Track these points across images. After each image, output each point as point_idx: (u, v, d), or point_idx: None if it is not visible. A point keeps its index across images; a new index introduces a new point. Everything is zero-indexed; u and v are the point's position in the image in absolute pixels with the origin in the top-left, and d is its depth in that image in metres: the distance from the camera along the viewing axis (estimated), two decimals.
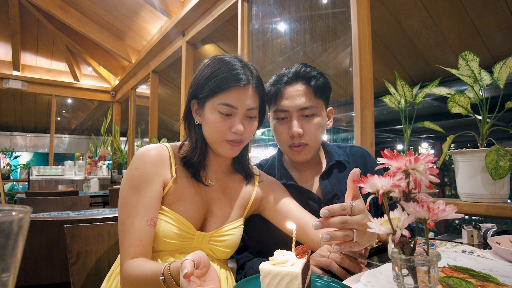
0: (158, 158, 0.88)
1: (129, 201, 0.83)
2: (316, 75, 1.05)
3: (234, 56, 0.90)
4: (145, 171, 0.85)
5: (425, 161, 0.55)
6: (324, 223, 0.62)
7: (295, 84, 1.04)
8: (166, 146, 0.92)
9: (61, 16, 4.66)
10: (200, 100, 0.88)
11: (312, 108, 1.02)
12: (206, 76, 0.86)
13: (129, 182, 0.85)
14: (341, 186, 1.08)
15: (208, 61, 0.91)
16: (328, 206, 0.63)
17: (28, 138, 9.06)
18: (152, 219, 0.82)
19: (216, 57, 0.90)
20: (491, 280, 0.63)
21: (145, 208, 0.82)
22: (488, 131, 1.20)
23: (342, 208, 0.62)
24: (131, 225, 0.80)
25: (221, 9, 3.05)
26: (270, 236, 1.06)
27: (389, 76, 3.47)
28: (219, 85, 0.84)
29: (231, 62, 0.87)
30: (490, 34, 2.71)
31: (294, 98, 1.02)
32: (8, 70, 5.99)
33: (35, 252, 1.42)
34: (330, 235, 0.62)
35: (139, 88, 5.84)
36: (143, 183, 0.84)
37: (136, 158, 0.88)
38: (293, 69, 1.07)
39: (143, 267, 0.73)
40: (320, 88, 1.04)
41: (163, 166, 0.88)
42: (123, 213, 0.82)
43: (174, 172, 0.89)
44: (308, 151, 1.05)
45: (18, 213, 0.28)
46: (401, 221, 0.54)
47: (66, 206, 2.46)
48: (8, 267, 0.28)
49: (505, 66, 1.13)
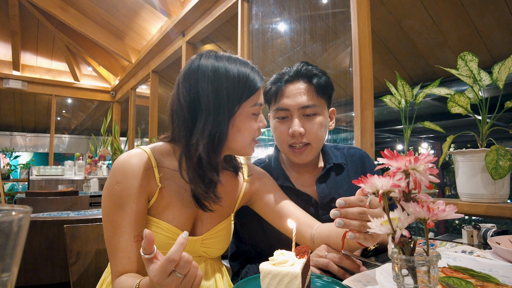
0: (139, 169, 0.79)
1: (113, 218, 0.77)
2: (318, 73, 1.02)
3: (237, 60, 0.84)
4: (127, 186, 0.77)
5: (425, 161, 0.55)
6: (342, 212, 0.63)
7: (296, 83, 1.01)
8: (147, 152, 0.83)
9: (61, 16, 4.65)
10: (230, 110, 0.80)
11: (314, 107, 1.00)
12: (232, 87, 0.79)
13: (110, 198, 0.78)
14: (339, 189, 1.06)
15: (211, 75, 0.79)
16: (344, 197, 0.65)
17: (28, 138, 9.05)
18: (140, 234, 0.78)
19: (218, 70, 0.79)
20: (491, 280, 0.63)
21: (130, 225, 0.77)
22: (488, 131, 1.20)
23: (359, 200, 0.64)
24: (117, 243, 0.76)
25: (221, 9, 3.05)
26: (264, 236, 1.05)
27: (389, 76, 3.47)
28: (250, 89, 0.81)
29: (242, 68, 0.82)
30: (490, 34, 2.71)
31: (295, 96, 1.00)
32: (8, 70, 5.99)
33: (35, 252, 1.42)
34: (344, 222, 0.63)
35: (139, 88, 5.84)
36: (126, 198, 0.77)
37: (116, 170, 0.79)
38: (294, 68, 1.04)
39: (123, 285, 0.71)
40: (322, 87, 1.01)
41: (146, 177, 0.80)
42: (108, 230, 0.77)
43: (159, 181, 0.82)
44: (310, 152, 1.02)
45: (18, 213, 0.28)
46: (401, 221, 0.54)
47: (66, 206, 2.46)
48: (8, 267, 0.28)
49: (504, 66, 1.13)
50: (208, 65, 0.80)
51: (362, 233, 0.63)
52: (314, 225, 0.89)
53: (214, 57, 0.82)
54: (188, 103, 0.79)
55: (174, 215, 0.84)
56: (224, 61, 0.81)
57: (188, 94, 0.80)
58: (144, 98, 6.23)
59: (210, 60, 0.81)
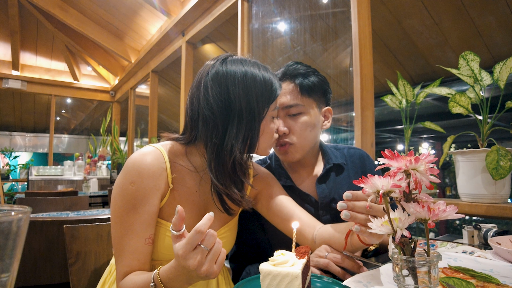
0: (155, 169, 0.78)
1: (124, 218, 0.75)
2: (304, 73, 1.02)
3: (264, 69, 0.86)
4: (142, 186, 0.76)
5: (426, 161, 0.55)
6: (349, 205, 0.64)
7: (283, 83, 1.02)
8: (161, 151, 0.82)
9: (61, 16, 4.65)
10: (260, 113, 0.82)
11: (298, 107, 1.00)
12: (260, 92, 0.81)
13: (123, 198, 0.76)
14: (339, 189, 1.05)
15: (241, 78, 0.80)
16: (351, 191, 0.66)
17: (27, 138, 9.05)
18: (151, 237, 0.77)
19: (247, 75, 0.81)
20: (491, 280, 0.63)
21: (143, 227, 0.75)
22: (488, 131, 1.20)
23: (366, 194, 0.63)
24: (127, 244, 0.74)
25: (221, 9, 3.05)
26: (265, 237, 1.05)
27: (389, 76, 3.47)
28: (274, 93, 0.84)
29: (265, 73, 0.85)
30: (491, 34, 2.71)
31: (280, 96, 1.00)
32: (8, 70, 5.98)
33: (34, 252, 1.42)
34: (351, 215, 0.64)
35: (138, 88, 5.84)
36: (140, 199, 0.75)
37: (130, 169, 0.77)
38: (283, 68, 1.05)
39: (136, 280, 0.70)
40: (307, 86, 1.01)
41: (161, 177, 0.79)
42: (118, 230, 0.75)
43: (171, 182, 0.81)
44: (294, 151, 1.01)
45: (17, 213, 0.28)
46: (402, 222, 0.54)
47: (66, 206, 2.46)
48: (7, 267, 0.28)
49: (505, 66, 1.13)
50: (236, 70, 0.80)
51: (368, 227, 0.63)
52: (316, 226, 0.89)
53: (239, 61, 0.83)
54: (220, 108, 0.78)
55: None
56: (250, 66, 0.83)
57: (219, 99, 0.78)
58: (144, 98, 6.23)
59: (237, 65, 0.82)
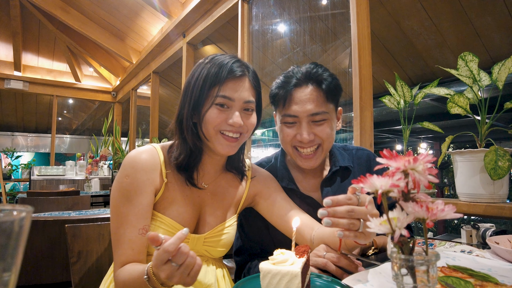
0: (149, 164, 0.84)
1: (120, 210, 0.80)
2: (327, 77, 0.97)
3: (228, 55, 0.88)
4: (136, 179, 0.82)
5: (424, 161, 0.55)
6: (330, 211, 0.62)
7: (305, 88, 0.96)
8: (156, 149, 0.88)
9: (62, 17, 4.66)
10: (200, 99, 0.84)
11: (323, 114, 0.96)
12: (204, 75, 0.83)
13: (119, 191, 0.82)
14: (344, 193, 1.05)
15: (201, 61, 0.87)
16: (332, 196, 0.63)
17: (29, 138, 9.06)
18: (144, 228, 0.81)
19: (209, 56, 0.87)
20: (490, 279, 0.63)
21: (137, 217, 0.80)
22: (487, 131, 1.20)
23: (347, 198, 0.62)
24: (123, 234, 0.79)
25: (222, 10, 3.06)
26: (268, 235, 1.05)
27: (388, 77, 3.47)
28: (215, 78, 0.82)
29: (224, 57, 0.86)
30: (489, 35, 2.72)
31: (304, 103, 0.95)
32: (10, 71, 6.00)
33: (36, 252, 1.43)
34: (332, 221, 0.61)
35: (140, 88, 5.85)
36: (134, 191, 0.81)
37: (126, 164, 0.84)
38: (303, 69, 0.98)
39: (131, 271, 0.73)
40: (332, 92, 0.97)
41: (154, 172, 0.85)
42: (115, 222, 0.81)
43: (165, 177, 0.86)
44: (320, 155, 1.00)
45: (19, 213, 0.29)
46: (400, 221, 0.55)
47: (67, 206, 2.46)
48: (9, 267, 0.28)
49: (504, 67, 1.13)
50: (198, 63, 0.89)
51: (352, 231, 0.62)
52: (314, 227, 0.90)
53: (206, 57, 0.89)
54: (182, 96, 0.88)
55: (178, 212, 0.86)
56: (209, 60, 0.86)
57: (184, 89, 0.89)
58: (145, 98, 6.23)
59: (202, 60, 0.88)
